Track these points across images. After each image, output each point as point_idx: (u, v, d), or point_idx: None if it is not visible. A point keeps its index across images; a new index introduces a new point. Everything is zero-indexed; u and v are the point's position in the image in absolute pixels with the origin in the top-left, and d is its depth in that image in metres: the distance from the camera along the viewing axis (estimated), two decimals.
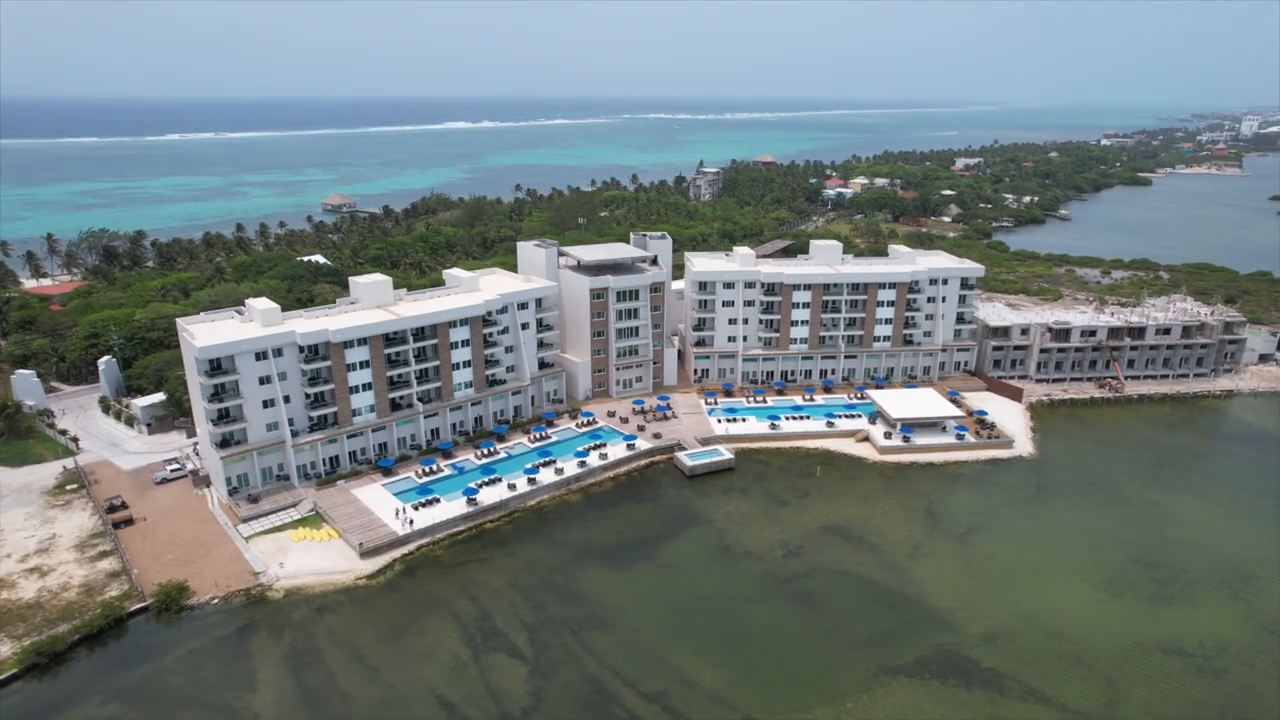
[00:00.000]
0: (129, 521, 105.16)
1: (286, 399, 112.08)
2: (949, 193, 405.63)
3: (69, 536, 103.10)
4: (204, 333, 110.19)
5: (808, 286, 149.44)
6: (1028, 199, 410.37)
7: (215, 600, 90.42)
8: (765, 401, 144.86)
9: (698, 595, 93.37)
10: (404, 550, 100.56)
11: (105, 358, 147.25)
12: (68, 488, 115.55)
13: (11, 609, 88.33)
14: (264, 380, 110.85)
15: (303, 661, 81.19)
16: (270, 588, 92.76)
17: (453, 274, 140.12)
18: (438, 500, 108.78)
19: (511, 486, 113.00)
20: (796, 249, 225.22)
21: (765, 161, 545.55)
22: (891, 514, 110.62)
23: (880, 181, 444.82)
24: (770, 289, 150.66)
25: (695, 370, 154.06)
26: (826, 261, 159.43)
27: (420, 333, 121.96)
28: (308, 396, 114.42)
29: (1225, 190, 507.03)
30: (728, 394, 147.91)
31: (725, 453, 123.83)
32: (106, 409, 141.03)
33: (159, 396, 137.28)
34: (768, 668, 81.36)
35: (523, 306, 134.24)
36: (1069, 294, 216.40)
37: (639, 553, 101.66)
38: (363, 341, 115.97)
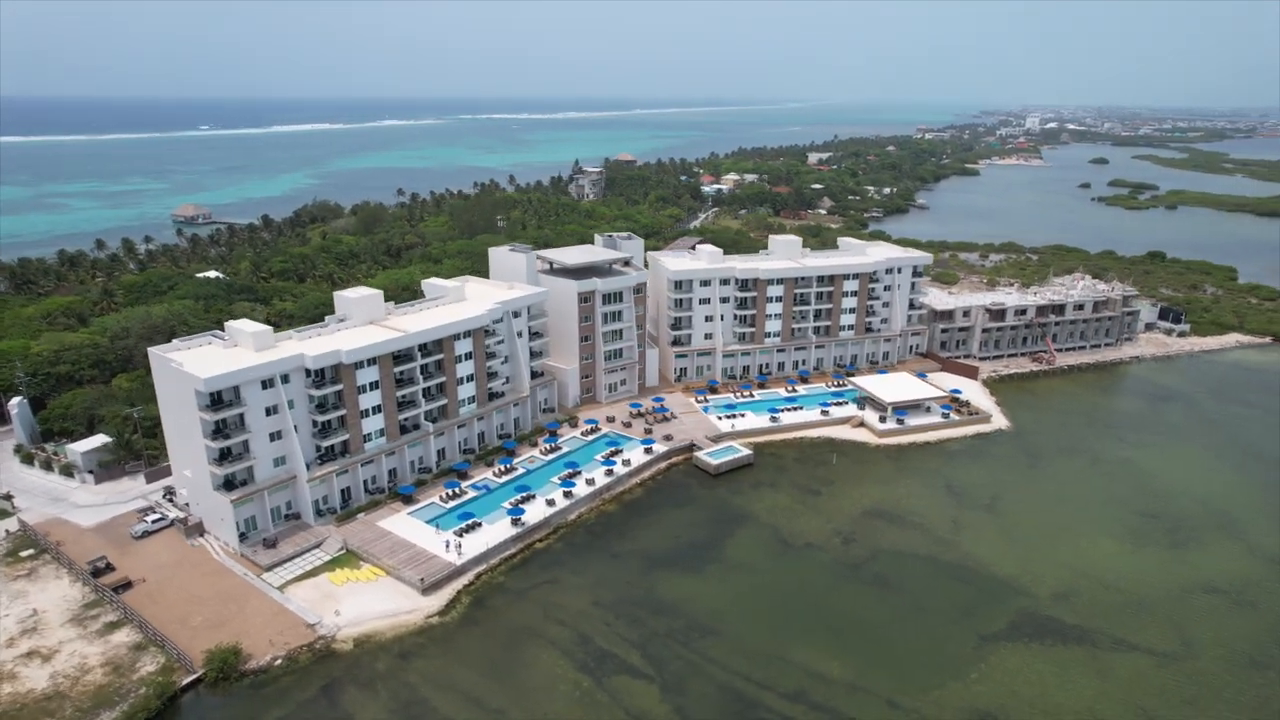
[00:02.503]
0: (126, 585, 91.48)
1: (296, 429, 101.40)
2: (818, 186, 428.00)
3: (56, 611, 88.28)
4: (195, 362, 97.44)
5: (780, 281, 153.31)
6: (888, 190, 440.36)
7: (278, 661, 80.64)
8: (753, 395, 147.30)
9: (779, 590, 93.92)
10: (464, 581, 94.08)
11: (16, 399, 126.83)
12: (22, 554, 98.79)
13: (27, 704, 74.65)
14: (270, 411, 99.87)
15: (414, 715, 74.24)
16: (334, 639, 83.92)
17: (433, 283, 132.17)
18: (479, 524, 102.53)
19: (550, 502, 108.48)
20: (725, 246, 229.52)
21: (627, 160, 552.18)
22: (917, 493, 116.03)
23: (750, 177, 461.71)
24: (744, 285, 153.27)
25: (675, 369, 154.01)
26: (788, 256, 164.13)
27: (425, 348, 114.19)
28: (315, 425, 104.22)
29: (1039, 179, 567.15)
30: (713, 390, 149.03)
31: (743, 449, 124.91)
32: (29, 459, 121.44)
33: (100, 439, 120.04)
34: (881, 651, 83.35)
35: (515, 315, 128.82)
36: (965, 277, 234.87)
37: (703, 555, 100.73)
38: (372, 361, 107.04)
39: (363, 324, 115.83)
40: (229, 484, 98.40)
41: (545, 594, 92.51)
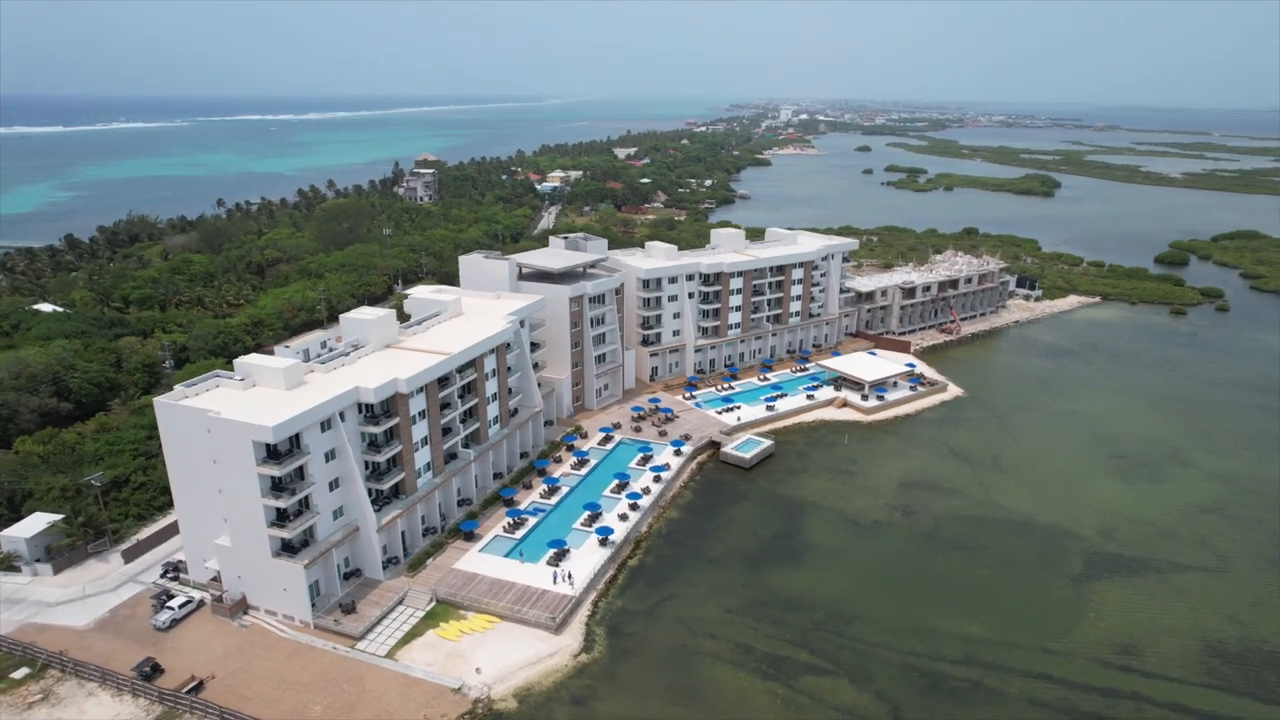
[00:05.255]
0: (198, 685, 76.12)
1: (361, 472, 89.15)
2: (646, 180, 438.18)
3: None
4: (235, 409, 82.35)
5: (741, 273, 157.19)
6: (709, 182, 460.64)
7: None
8: (733, 388, 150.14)
9: (880, 568, 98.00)
10: (584, 612, 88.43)
11: None
12: (15, 676, 78.55)
13: None
14: (329, 456, 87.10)
15: None
16: (491, 699, 75.71)
17: (423, 299, 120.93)
18: (568, 551, 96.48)
19: (623, 517, 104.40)
20: (626, 244, 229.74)
21: (430, 160, 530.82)
22: (932, 461, 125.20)
23: (574, 174, 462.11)
24: (708, 279, 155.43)
25: (649, 369, 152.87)
26: (733, 248, 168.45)
27: (461, 370, 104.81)
28: (368, 466, 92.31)
29: (825, 167, 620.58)
30: (694, 386, 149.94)
31: (763, 440, 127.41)
32: None
33: (41, 518, 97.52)
34: (1003, 607, 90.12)
35: (521, 325, 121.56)
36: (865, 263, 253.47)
37: (791, 546, 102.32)
38: (420, 389, 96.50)
39: (379, 348, 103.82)
40: (288, 548, 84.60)
41: (672, 610, 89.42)
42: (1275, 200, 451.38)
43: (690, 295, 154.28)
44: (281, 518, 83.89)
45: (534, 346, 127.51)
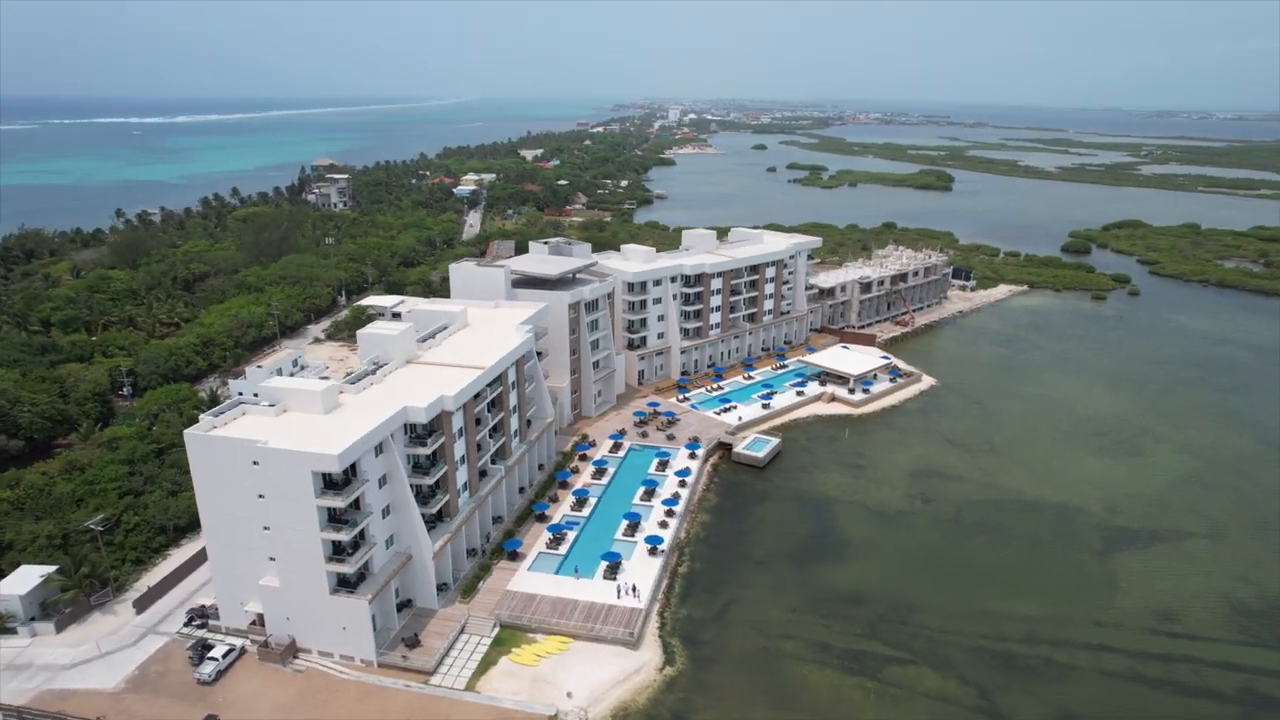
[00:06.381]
0: None
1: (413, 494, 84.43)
2: (564, 182, 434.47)
3: None
4: (282, 437, 76.37)
5: (720, 274, 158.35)
6: (625, 183, 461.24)
7: None
8: (722, 388, 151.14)
9: (919, 555, 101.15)
10: (653, 624, 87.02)
11: None
12: None
13: None
14: (382, 482, 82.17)
15: None
16: None
17: (428, 309, 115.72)
18: (621, 563, 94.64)
19: (663, 524, 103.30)
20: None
21: (330, 164, 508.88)
22: (931, 449, 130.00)
23: (488, 177, 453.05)
24: (690, 280, 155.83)
25: (636, 372, 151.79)
26: (706, 249, 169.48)
27: (491, 383, 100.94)
28: (415, 490, 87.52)
29: (727, 166, 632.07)
30: (685, 388, 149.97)
31: (771, 438, 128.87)
32: None
33: (33, 571, 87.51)
34: (1046, 585, 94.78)
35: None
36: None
37: (830, 541, 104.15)
38: (460, 406, 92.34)
39: (401, 365, 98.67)
40: (345, 583, 79.28)
41: (739, 615, 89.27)
42: (1141, 191, 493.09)
43: (675, 297, 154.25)
44: (338, 551, 78.50)
45: (539, 356, 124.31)
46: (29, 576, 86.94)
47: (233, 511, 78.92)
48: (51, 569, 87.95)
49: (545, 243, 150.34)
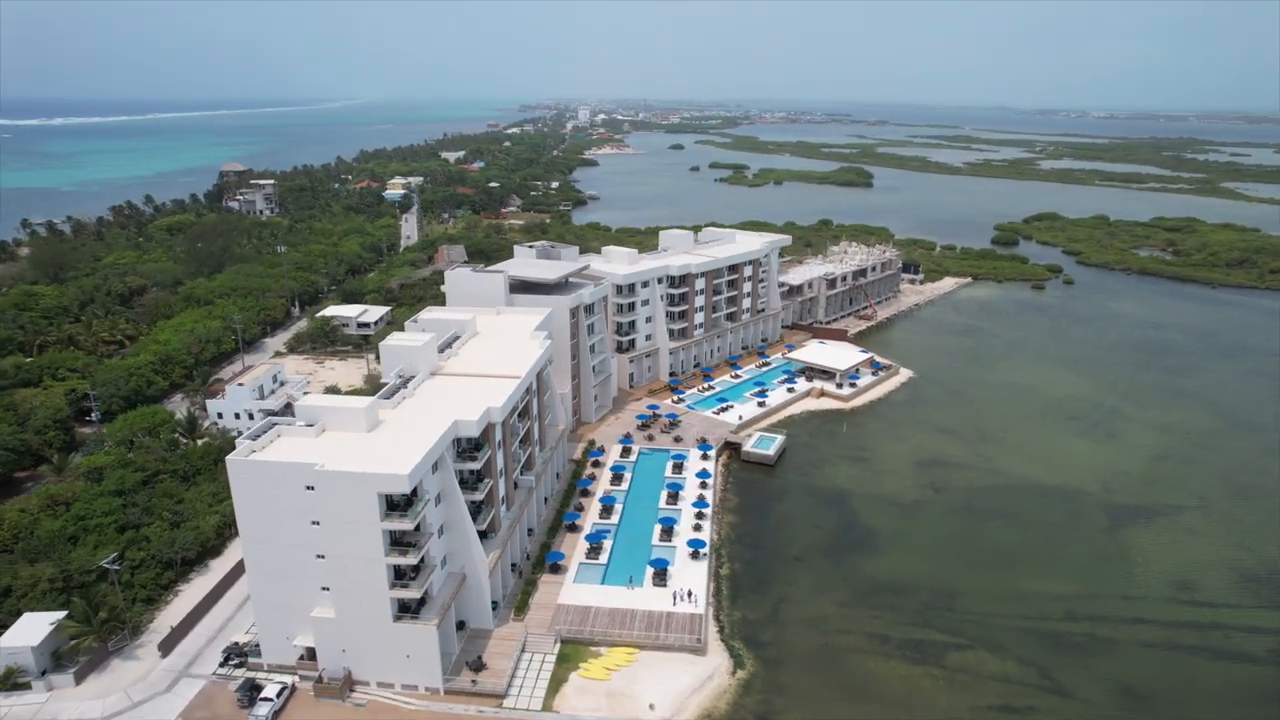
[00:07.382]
0: None
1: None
2: (495, 185, 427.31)
3: None
4: (331, 457, 72.29)
5: (704, 274, 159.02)
6: (555, 184, 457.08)
7: None
8: (713, 388, 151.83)
9: (944, 542, 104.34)
10: (712, 629, 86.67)
11: None
12: None
13: None
14: (437, 501, 78.89)
15: None
16: None
17: (438, 319, 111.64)
18: (667, 569, 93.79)
19: (697, 527, 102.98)
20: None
21: (238, 170, 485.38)
22: (928, 439, 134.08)
23: (414, 180, 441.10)
24: (675, 281, 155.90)
25: (626, 375, 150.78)
26: (683, 249, 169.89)
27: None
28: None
29: (652, 165, 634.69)
30: (679, 389, 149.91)
31: (777, 436, 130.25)
32: None
33: (41, 619, 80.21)
34: (1068, 564, 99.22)
35: None
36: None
37: (859, 533, 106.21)
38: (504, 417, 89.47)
39: (427, 377, 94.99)
40: (406, 608, 75.77)
41: (793, 613, 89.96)
42: (1045, 185, 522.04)
43: (661, 298, 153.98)
44: (399, 576, 74.94)
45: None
46: (37, 625, 79.67)
47: (281, 540, 74.22)
48: (60, 614, 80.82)
49: (531, 246, 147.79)
